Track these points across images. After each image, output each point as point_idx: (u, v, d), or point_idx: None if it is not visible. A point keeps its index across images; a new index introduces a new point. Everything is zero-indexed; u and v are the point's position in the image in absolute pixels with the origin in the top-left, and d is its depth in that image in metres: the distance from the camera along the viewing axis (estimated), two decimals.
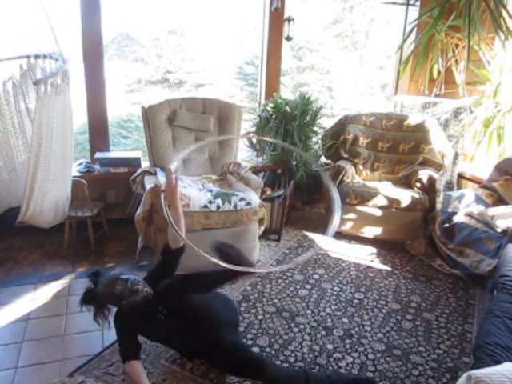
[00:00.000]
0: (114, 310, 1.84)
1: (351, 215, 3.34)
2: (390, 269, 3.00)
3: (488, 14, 3.05)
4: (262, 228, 3.05)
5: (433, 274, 2.95)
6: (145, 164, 3.35)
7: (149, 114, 3.17)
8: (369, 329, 2.33)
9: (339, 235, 3.37)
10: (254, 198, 2.87)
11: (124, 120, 6.26)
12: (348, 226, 3.36)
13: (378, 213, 3.29)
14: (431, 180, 3.33)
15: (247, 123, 3.74)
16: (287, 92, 5.95)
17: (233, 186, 3.08)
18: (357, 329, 2.32)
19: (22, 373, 1.94)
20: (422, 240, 3.22)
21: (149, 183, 2.86)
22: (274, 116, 3.58)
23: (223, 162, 3.36)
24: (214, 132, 3.38)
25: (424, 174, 3.36)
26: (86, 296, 1.80)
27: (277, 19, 3.67)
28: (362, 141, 3.71)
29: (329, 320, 2.39)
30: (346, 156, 3.68)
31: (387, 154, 3.66)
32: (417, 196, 3.26)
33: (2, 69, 2.46)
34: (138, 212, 2.77)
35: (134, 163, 3.30)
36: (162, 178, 2.89)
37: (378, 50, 6.64)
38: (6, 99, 2.32)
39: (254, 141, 3.72)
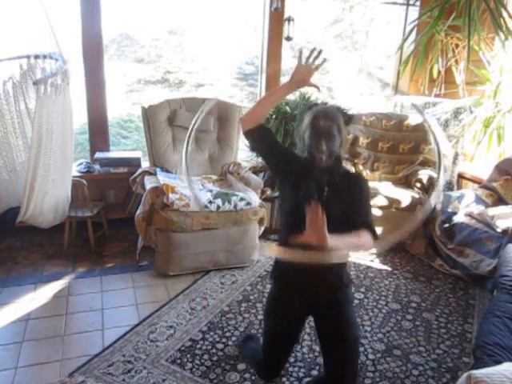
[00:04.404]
0: None
1: None
2: (389, 269, 3.00)
3: (488, 14, 3.05)
4: (262, 228, 3.05)
5: (433, 274, 2.95)
6: (145, 164, 3.35)
7: (149, 114, 3.17)
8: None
9: None
10: (254, 198, 2.87)
11: (124, 120, 6.25)
12: None
13: (378, 213, 3.29)
14: (431, 180, 3.33)
15: None
16: None
17: (233, 186, 3.08)
18: None
19: (22, 373, 1.94)
20: (422, 240, 3.22)
21: (149, 183, 2.86)
22: (273, 116, 3.57)
23: (223, 162, 3.36)
24: (214, 132, 3.38)
25: (424, 174, 3.35)
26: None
27: (277, 19, 3.67)
28: (362, 141, 3.71)
29: None
30: (346, 156, 3.68)
31: (387, 154, 3.66)
32: (417, 196, 3.26)
33: (2, 69, 2.46)
34: (138, 212, 2.77)
35: (133, 163, 3.30)
36: (162, 178, 2.89)
37: (378, 50, 6.63)
38: (6, 99, 2.33)
39: None
